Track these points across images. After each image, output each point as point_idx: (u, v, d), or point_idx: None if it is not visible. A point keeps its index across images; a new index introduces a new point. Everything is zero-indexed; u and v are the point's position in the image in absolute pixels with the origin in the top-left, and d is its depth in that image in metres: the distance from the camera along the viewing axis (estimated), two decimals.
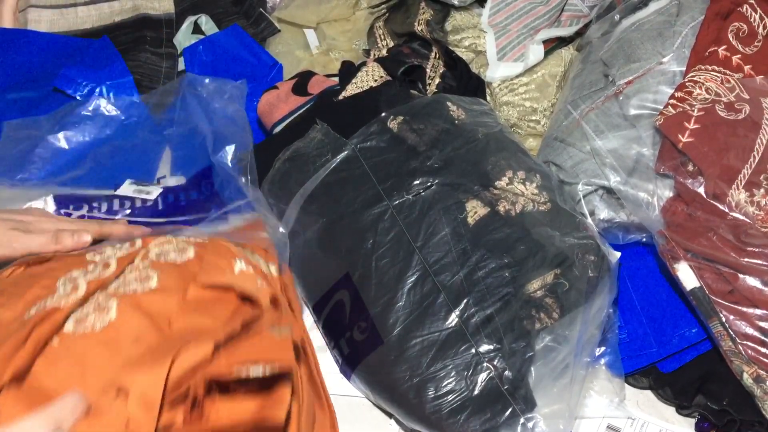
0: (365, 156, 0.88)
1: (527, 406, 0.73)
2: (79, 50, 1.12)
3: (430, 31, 1.09)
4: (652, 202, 0.86)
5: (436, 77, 1.05)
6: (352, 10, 1.27)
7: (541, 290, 0.79)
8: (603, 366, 0.82)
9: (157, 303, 0.66)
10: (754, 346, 0.76)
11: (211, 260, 0.73)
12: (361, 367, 0.80)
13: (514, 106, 1.09)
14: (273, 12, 1.28)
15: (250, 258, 0.76)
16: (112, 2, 1.20)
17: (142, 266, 0.71)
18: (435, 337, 0.76)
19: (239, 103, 1.06)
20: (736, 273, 0.79)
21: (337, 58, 1.20)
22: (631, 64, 0.95)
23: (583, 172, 0.91)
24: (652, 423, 0.82)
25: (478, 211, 0.83)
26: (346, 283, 0.83)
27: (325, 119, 0.93)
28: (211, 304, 0.68)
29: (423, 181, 0.85)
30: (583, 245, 0.82)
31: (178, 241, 0.76)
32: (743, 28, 0.93)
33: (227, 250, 0.75)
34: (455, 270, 0.79)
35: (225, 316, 0.67)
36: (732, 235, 0.80)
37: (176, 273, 0.71)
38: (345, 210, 0.86)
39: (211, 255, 0.74)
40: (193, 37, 1.20)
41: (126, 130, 1.06)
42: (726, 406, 0.78)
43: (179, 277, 0.70)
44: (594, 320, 0.79)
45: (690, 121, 0.85)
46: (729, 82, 0.89)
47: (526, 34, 1.11)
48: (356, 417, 0.81)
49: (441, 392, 0.74)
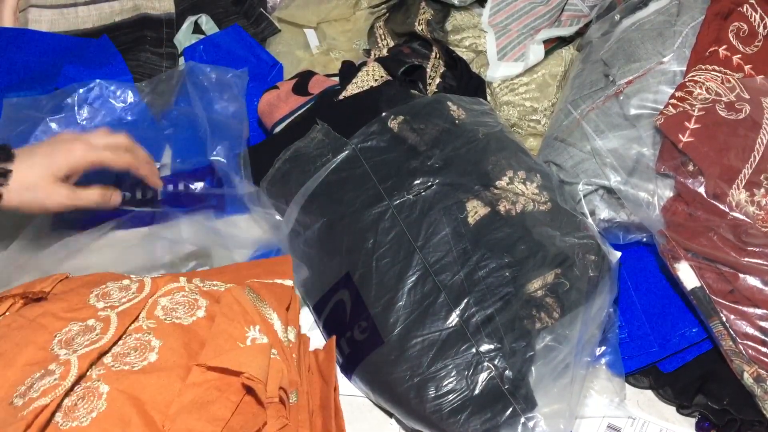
0: (366, 156, 0.88)
1: (528, 406, 0.73)
2: (79, 50, 1.12)
3: (431, 30, 1.09)
4: (653, 202, 0.86)
5: (436, 77, 1.05)
6: (352, 10, 1.27)
7: (541, 290, 0.79)
8: (603, 365, 0.82)
9: (151, 389, 0.60)
10: (755, 346, 0.76)
11: (221, 325, 0.66)
12: (361, 366, 0.80)
13: (515, 106, 1.09)
14: (273, 12, 1.28)
15: (267, 318, 0.70)
16: (112, 2, 1.20)
17: (145, 327, 0.65)
18: (435, 337, 0.76)
19: (240, 92, 1.06)
20: (736, 273, 0.79)
21: (337, 58, 1.20)
22: (632, 64, 0.95)
23: (584, 171, 0.91)
24: (652, 423, 0.82)
25: (478, 210, 0.83)
26: (346, 283, 0.83)
27: (325, 119, 0.93)
28: (212, 399, 0.61)
29: (423, 181, 0.85)
30: (583, 245, 0.82)
31: (190, 289, 0.70)
32: (743, 27, 0.93)
33: (242, 313, 0.68)
34: (456, 270, 0.79)
35: (224, 416, 0.61)
36: (732, 234, 0.80)
37: (181, 342, 0.64)
38: (345, 210, 0.86)
39: (223, 318, 0.67)
40: (193, 36, 1.20)
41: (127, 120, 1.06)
42: (726, 405, 0.78)
43: (183, 348, 0.64)
44: (594, 320, 0.79)
45: (690, 120, 0.85)
46: (729, 81, 0.89)
47: (526, 34, 1.11)
48: (357, 416, 0.81)
49: (441, 392, 0.74)
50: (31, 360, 0.62)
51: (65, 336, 0.64)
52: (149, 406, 0.59)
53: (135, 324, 0.66)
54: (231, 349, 0.64)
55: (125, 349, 0.63)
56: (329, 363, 0.77)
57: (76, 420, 0.57)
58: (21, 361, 0.61)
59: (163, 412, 0.59)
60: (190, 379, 0.62)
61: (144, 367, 0.61)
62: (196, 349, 0.64)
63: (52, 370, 0.60)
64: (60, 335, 0.64)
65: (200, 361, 0.63)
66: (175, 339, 0.64)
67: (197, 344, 0.65)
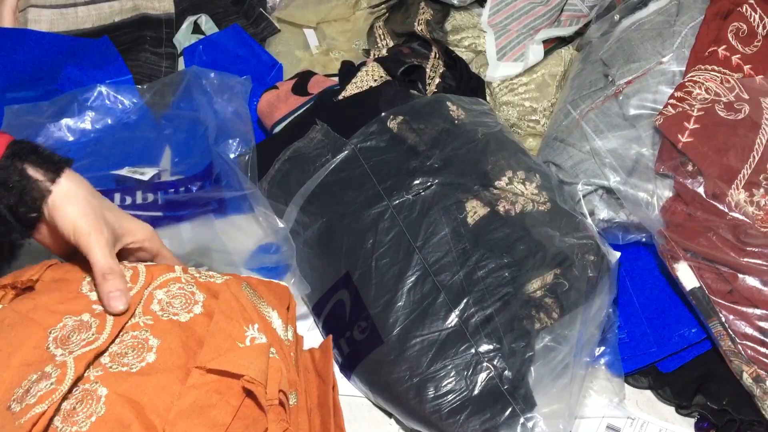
0: (365, 156, 0.88)
1: (527, 406, 0.73)
2: (79, 50, 1.12)
3: (430, 30, 1.09)
4: (652, 202, 0.86)
5: (435, 77, 1.05)
6: (352, 10, 1.27)
7: (540, 290, 0.79)
8: (602, 366, 0.82)
9: (150, 393, 0.59)
10: (754, 346, 0.76)
11: (220, 323, 0.64)
12: (361, 366, 0.80)
13: (514, 106, 1.09)
14: (273, 12, 1.28)
15: (266, 316, 0.69)
16: (112, 2, 1.20)
17: (142, 324, 0.64)
18: (435, 337, 0.76)
19: (243, 100, 1.06)
20: (735, 273, 0.79)
21: (337, 58, 1.20)
22: (631, 64, 0.95)
23: (583, 172, 0.91)
24: (651, 423, 0.82)
25: (477, 210, 0.83)
26: (346, 283, 0.83)
27: (324, 119, 0.93)
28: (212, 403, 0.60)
29: (423, 181, 0.85)
30: (582, 245, 0.82)
31: (186, 280, 0.68)
32: (743, 27, 0.93)
33: (240, 311, 0.67)
34: (455, 270, 0.79)
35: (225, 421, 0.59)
36: (731, 235, 0.80)
37: (179, 341, 0.63)
38: (345, 210, 0.86)
39: (221, 316, 0.65)
40: (193, 37, 1.20)
41: (127, 123, 1.06)
42: (725, 405, 0.78)
43: (182, 348, 0.62)
44: (594, 320, 0.79)
45: (690, 121, 0.85)
46: (729, 81, 0.89)
47: (525, 34, 1.11)
48: (356, 416, 0.81)
49: (441, 392, 0.74)
50: (27, 360, 0.60)
51: (60, 333, 0.62)
52: (149, 409, 0.58)
53: (131, 321, 0.64)
54: (230, 350, 0.63)
55: (122, 348, 0.62)
56: (326, 361, 0.76)
57: (75, 425, 0.57)
58: (16, 361, 0.60)
59: (163, 416, 0.58)
60: (189, 381, 0.61)
61: (142, 369, 0.60)
62: (194, 348, 0.63)
63: (49, 372, 0.59)
64: (54, 332, 0.62)
65: (199, 362, 0.62)
66: (173, 338, 0.63)
67: (195, 343, 0.63)
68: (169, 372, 0.61)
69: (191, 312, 0.66)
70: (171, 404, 0.59)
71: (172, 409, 0.59)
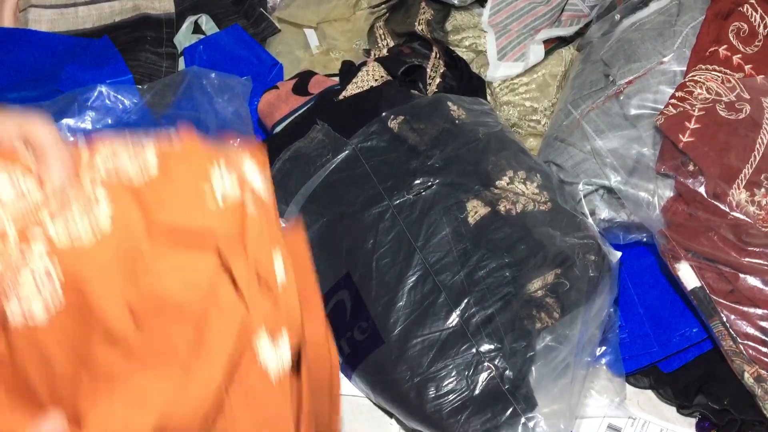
0: (366, 156, 0.88)
1: (528, 406, 0.73)
2: (79, 50, 1.12)
3: (431, 30, 1.09)
4: (653, 202, 0.86)
5: (436, 77, 1.05)
6: (352, 9, 1.27)
7: (541, 290, 0.79)
8: (604, 366, 0.82)
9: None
10: (755, 346, 0.76)
11: (180, 173, 0.51)
12: (362, 366, 0.80)
13: (515, 106, 1.09)
14: (273, 12, 1.28)
15: (233, 161, 0.53)
16: (112, 2, 1.20)
17: (87, 184, 0.49)
18: (436, 337, 0.76)
19: (244, 100, 1.06)
20: (736, 273, 0.79)
21: (337, 58, 1.20)
22: (632, 64, 0.95)
23: (584, 171, 0.91)
24: (652, 423, 0.82)
25: (478, 210, 0.83)
26: (346, 283, 0.83)
27: (325, 119, 0.93)
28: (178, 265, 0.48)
29: (424, 181, 0.85)
30: (583, 245, 0.82)
31: (135, 146, 0.51)
32: (744, 27, 0.93)
33: (202, 155, 0.52)
34: (456, 270, 0.79)
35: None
36: (733, 234, 0.80)
37: (134, 206, 0.49)
38: (346, 210, 0.86)
39: (181, 165, 0.51)
40: (193, 36, 1.20)
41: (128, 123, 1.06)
42: (727, 405, 0.78)
43: (138, 211, 0.49)
44: (595, 320, 0.79)
45: (690, 120, 0.85)
46: (729, 81, 0.89)
47: (526, 34, 1.11)
48: (357, 416, 0.81)
49: (442, 392, 0.74)
50: None
51: None
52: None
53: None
54: (199, 208, 0.50)
55: (67, 217, 0.48)
56: (303, 245, 0.58)
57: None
58: None
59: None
60: (147, 256, 0.48)
61: (94, 238, 0.47)
62: (152, 217, 0.49)
63: None
64: None
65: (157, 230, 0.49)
66: (126, 203, 0.49)
67: (154, 209, 0.50)
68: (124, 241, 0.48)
69: (145, 174, 0.51)
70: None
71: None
